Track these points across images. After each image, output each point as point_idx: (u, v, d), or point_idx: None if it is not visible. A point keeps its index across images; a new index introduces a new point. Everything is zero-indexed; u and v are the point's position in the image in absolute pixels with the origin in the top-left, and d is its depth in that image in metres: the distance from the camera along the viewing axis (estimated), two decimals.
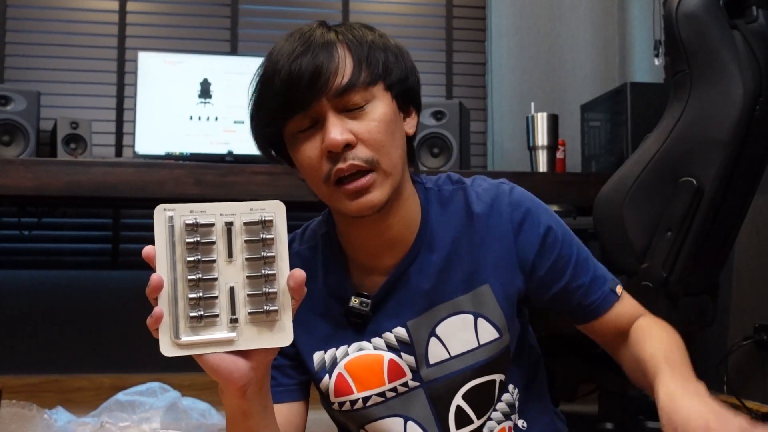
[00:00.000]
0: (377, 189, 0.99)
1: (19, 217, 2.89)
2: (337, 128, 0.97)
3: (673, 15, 1.63)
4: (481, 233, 1.10)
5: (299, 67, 0.97)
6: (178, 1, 3.15)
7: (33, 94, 2.56)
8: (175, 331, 0.81)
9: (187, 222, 0.81)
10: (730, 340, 2.36)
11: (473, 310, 1.09)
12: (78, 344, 2.91)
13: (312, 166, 1.01)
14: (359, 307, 1.09)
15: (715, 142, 1.58)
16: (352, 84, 0.98)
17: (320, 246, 1.14)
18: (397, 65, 1.03)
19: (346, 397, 1.11)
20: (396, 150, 1.02)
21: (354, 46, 1.00)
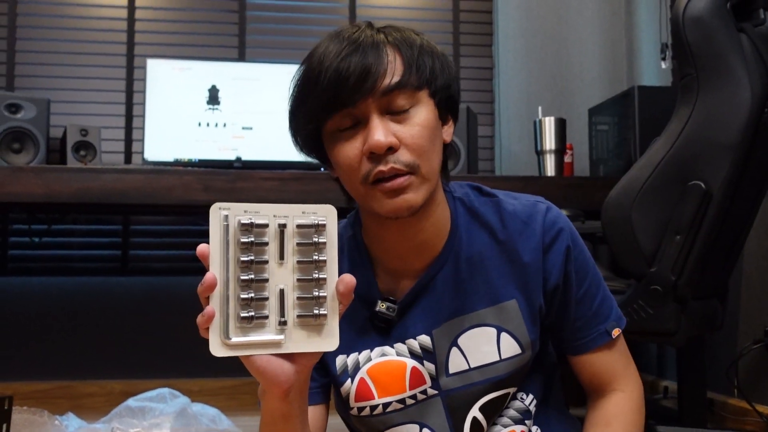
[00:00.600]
0: (414, 191, 0.99)
1: (30, 224, 2.91)
2: (381, 130, 0.97)
3: (680, 18, 1.63)
4: (513, 249, 1.09)
5: (348, 66, 0.96)
6: (187, 8, 3.16)
7: (43, 101, 2.58)
8: (225, 331, 0.80)
9: (242, 222, 0.80)
10: (739, 344, 2.35)
11: (497, 323, 1.09)
12: (88, 350, 2.92)
13: (351, 166, 1.00)
14: (386, 311, 1.09)
15: (723, 145, 1.58)
16: (400, 85, 0.97)
17: (346, 249, 1.14)
18: (442, 72, 1.03)
19: (366, 403, 1.11)
20: (435, 156, 1.02)
21: (404, 49, 1.00)
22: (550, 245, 1.09)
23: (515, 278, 1.09)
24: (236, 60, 3.13)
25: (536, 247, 1.09)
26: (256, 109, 2.80)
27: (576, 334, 1.13)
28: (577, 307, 1.12)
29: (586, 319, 1.12)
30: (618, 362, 1.15)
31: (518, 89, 3.17)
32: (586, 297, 1.12)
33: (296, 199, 2.31)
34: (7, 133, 2.49)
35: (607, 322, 1.13)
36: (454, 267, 1.10)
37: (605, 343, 1.13)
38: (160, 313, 2.97)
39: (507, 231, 1.10)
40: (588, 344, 1.13)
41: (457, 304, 1.09)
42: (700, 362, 2.09)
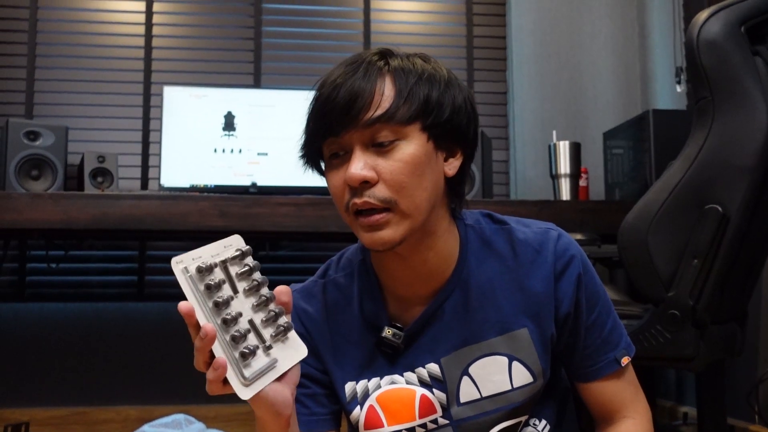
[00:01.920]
0: (391, 228, 0.97)
1: (47, 250, 2.93)
2: (359, 163, 0.96)
3: (695, 42, 1.63)
4: (524, 278, 1.08)
5: (337, 94, 0.96)
6: (203, 36, 3.20)
7: (61, 129, 2.61)
8: (240, 373, 0.82)
9: (199, 266, 0.82)
10: (760, 369, 2.32)
11: (508, 352, 1.08)
12: (105, 376, 2.92)
13: (336, 194, 1.01)
14: (392, 338, 1.08)
15: (739, 168, 1.57)
16: (385, 118, 0.95)
17: (356, 273, 1.13)
18: (441, 104, 0.99)
19: (375, 431, 1.10)
20: (421, 192, 0.98)
21: (399, 79, 0.98)
22: (561, 273, 1.08)
23: (526, 307, 1.08)
24: (252, 87, 3.16)
25: (548, 276, 1.07)
26: (271, 135, 2.82)
27: (585, 362, 1.12)
28: (586, 334, 1.11)
29: (596, 346, 1.11)
30: (627, 390, 1.14)
31: (533, 113, 3.18)
32: (596, 324, 1.11)
33: (312, 224, 2.32)
34: (26, 161, 2.52)
35: (616, 350, 1.12)
36: (463, 295, 1.08)
37: (614, 371, 1.12)
38: (176, 339, 2.97)
39: (518, 259, 1.09)
40: (597, 372, 1.12)
41: (466, 332, 1.08)
42: (720, 388, 2.06)
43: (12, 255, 2.94)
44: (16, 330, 2.90)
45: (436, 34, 3.35)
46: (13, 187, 2.47)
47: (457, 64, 3.32)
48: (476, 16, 3.36)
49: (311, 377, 1.12)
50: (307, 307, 1.13)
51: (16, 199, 2.21)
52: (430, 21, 3.35)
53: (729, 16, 1.63)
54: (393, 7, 3.33)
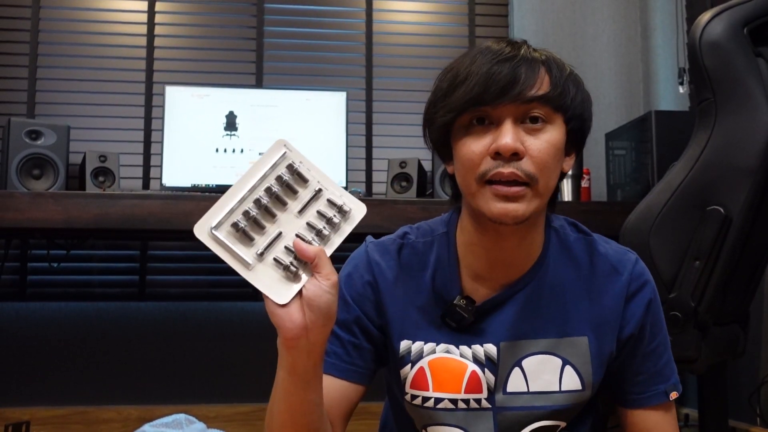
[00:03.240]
0: (525, 203, 1.00)
1: (49, 250, 2.93)
2: (512, 135, 0.99)
3: (697, 43, 1.63)
4: (597, 289, 1.11)
5: (501, 69, 1.00)
6: (205, 36, 3.20)
7: (63, 128, 2.61)
8: (217, 223, 0.88)
9: (292, 164, 0.90)
10: (762, 371, 2.31)
11: (564, 356, 1.10)
12: (106, 376, 2.92)
13: (472, 160, 1.01)
14: (463, 306, 1.09)
15: (742, 169, 1.57)
16: (543, 99, 1.00)
17: (435, 243, 1.15)
18: (581, 105, 1.06)
19: (420, 392, 1.12)
20: (554, 177, 1.04)
21: (554, 70, 1.03)
22: (633, 294, 1.11)
23: (592, 317, 1.11)
24: (254, 87, 3.16)
25: (620, 293, 1.11)
26: (273, 135, 2.82)
27: (636, 388, 1.14)
28: (643, 360, 1.13)
29: (650, 374, 1.14)
30: (669, 426, 1.16)
31: None
32: (654, 353, 1.14)
33: None
34: (28, 160, 2.52)
35: (667, 384, 1.14)
36: (536, 290, 1.11)
37: (662, 404, 1.14)
38: (177, 339, 2.97)
39: (594, 271, 1.12)
40: (646, 400, 1.14)
41: (529, 326, 1.10)
42: (722, 389, 2.05)
43: (13, 254, 2.93)
44: (18, 329, 2.90)
45: (439, 34, 3.34)
46: (14, 187, 2.47)
47: None
48: (478, 17, 3.36)
49: (365, 330, 1.13)
50: (380, 260, 1.15)
51: (18, 198, 2.20)
52: (432, 21, 3.35)
53: (732, 18, 1.63)
54: (395, 7, 3.33)
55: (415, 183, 2.80)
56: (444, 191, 2.71)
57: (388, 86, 3.25)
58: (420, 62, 3.28)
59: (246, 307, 3.02)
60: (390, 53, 3.29)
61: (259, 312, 3.01)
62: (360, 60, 3.25)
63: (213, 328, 3.00)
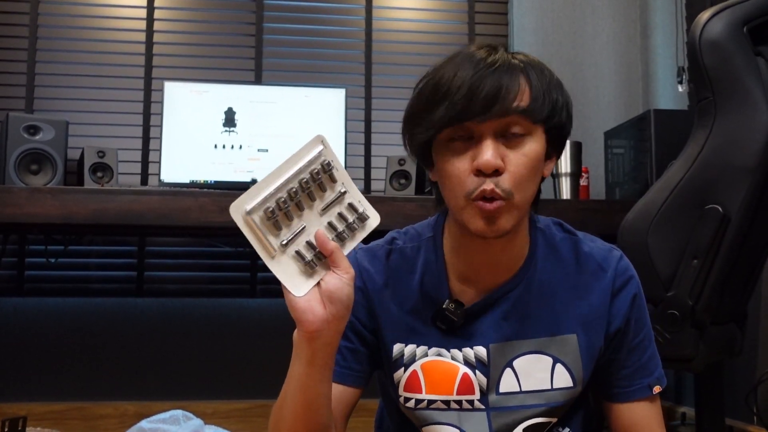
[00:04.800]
0: (504, 217, 1.02)
1: (46, 245, 2.92)
2: (493, 151, 1.00)
3: (697, 42, 1.63)
4: (584, 287, 1.14)
5: (482, 84, 1.00)
6: (204, 32, 3.19)
7: (61, 123, 2.60)
8: (252, 207, 0.91)
9: (328, 162, 0.93)
10: (759, 370, 2.31)
11: (554, 354, 1.12)
12: (103, 371, 2.92)
13: (459, 178, 1.03)
14: (452, 310, 1.11)
15: (740, 168, 1.57)
16: (523, 113, 1.01)
17: (423, 248, 1.17)
18: (561, 111, 1.06)
19: (413, 395, 1.14)
20: (532, 187, 1.05)
21: (534, 80, 1.03)
22: (619, 290, 1.14)
23: (580, 315, 1.13)
24: (253, 83, 3.15)
25: (606, 290, 1.13)
26: (272, 132, 2.82)
27: (621, 382, 1.16)
28: (628, 355, 1.15)
29: (634, 369, 1.15)
30: (654, 420, 1.17)
31: None
32: (639, 348, 1.15)
33: None
34: (26, 155, 2.51)
35: (651, 378, 1.16)
36: (525, 292, 1.13)
37: (646, 397, 1.15)
38: (174, 335, 2.97)
39: (581, 269, 1.14)
40: (630, 394, 1.15)
41: (518, 327, 1.12)
42: (719, 388, 2.06)
43: (11, 249, 2.93)
44: (15, 324, 2.89)
45: (438, 32, 3.34)
46: (12, 182, 2.47)
47: None
48: (478, 15, 3.36)
49: (359, 334, 1.15)
50: (369, 267, 1.17)
51: (16, 193, 2.20)
52: (432, 19, 3.34)
53: (731, 17, 1.63)
54: (395, 4, 3.32)
55: (414, 180, 2.80)
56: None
57: (387, 83, 3.25)
58: (419, 60, 3.27)
59: (244, 304, 3.02)
60: (389, 50, 3.28)
61: (257, 308, 3.01)
62: (359, 57, 3.25)
63: (211, 325, 3.00)
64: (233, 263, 3.08)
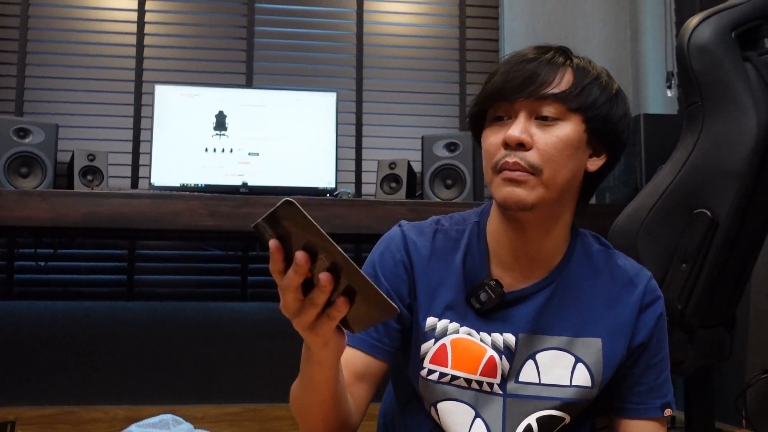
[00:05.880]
0: (527, 189, 1.07)
1: (36, 248, 2.91)
2: (520, 127, 1.07)
3: (685, 47, 1.63)
4: (614, 296, 1.18)
5: (521, 69, 1.09)
6: (195, 35, 3.19)
7: (51, 126, 2.60)
8: None
9: None
10: (748, 374, 2.33)
11: (577, 354, 1.15)
12: (93, 375, 2.91)
13: (489, 151, 1.11)
14: (492, 287, 1.15)
15: (729, 173, 1.58)
16: (557, 97, 1.07)
17: (467, 232, 1.21)
18: (605, 107, 1.11)
19: (438, 368, 1.16)
20: (564, 171, 1.09)
21: (578, 74, 1.10)
22: (647, 306, 1.18)
23: (607, 322, 1.16)
24: (244, 86, 3.15)
25: (635, 303, 1.17)
26: (262, 135, 2.82)
27: (634, 398, 1.18)
28: (645, 372, 1.18)
29: (649, 387, 1.18)
30: None
31: None
32: (656, 368, 1.18)
33: None
34: (16, 158, 2.50)
35: (664, 399, 1.19)
36: (558, 289, 1.17)
37: (657, 418, 1.18)
38: (165, 339, 2.96)
39: (613, 280, 1.19)
40: (642, 412, 1.18)
41: (547, 323, 1.16)
42: (708, 392, 2.06)
43: (0, 253, 2.92)
44: (4, 328, 2.88)
45: (429, 36, 3.35)
46: (2, 185, 2.45)
47: (449, 66, 3.32)
48: (469, 19, 3.37)
49: None
50: (416, 239, 1.20)
51: (5, 196, 2.19)
52: (423, 23, 3.35)
53: (720, 22, 1.63)
54: (386, 8, 3.33)
55: (405, 184, 2.80)
56: (433, 192, 2.71)
57: (378, 87, 3.25)
58: (410, 63, 3.28)
59: (234, 308, 3.01)
60: (380, 54, 3.29)
61: (248, 312, 3.00)
62: (350, 61, 3.25)
63: (201, 328, 2.99)
64: (224, 267, 3.07)
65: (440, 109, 3.28)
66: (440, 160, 2.71)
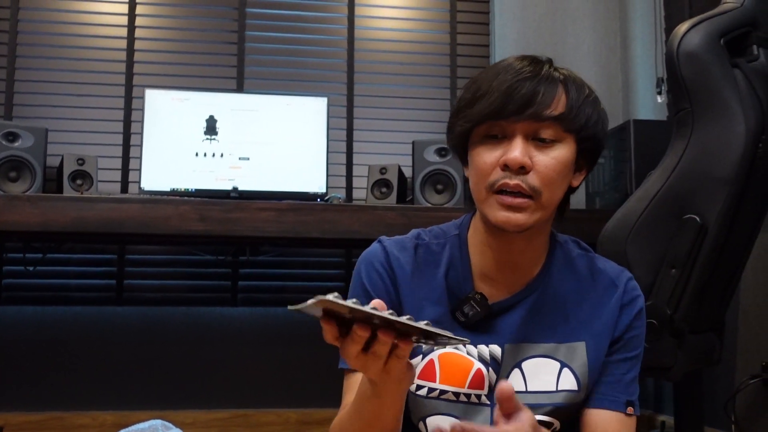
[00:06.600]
0: (527, 214, 1.07)
1: (25, 253, 2.90)
2: (521, 149, 1.06)
3: (675, 54, 1.64)
4: (595, 299, 1.19)
5: (521, 87, 1.07)
6: (186, 39, 3.18)
7: (40, 130, 2.58)
8: None
9: None
10: (737, 379, 2.33)
11: (562, 359, 1.16)
12: (81, 381, 2.89)
13: (484, 170, 1.09)
14: (477, 300, 1.15)
15: (718, 179, 1.58)
16: (555, 120, 1.07)
17: (448, 245, 1.21)
18: (595, 125, 1.12)
19: (426, 383, 1.16)
20: (558, 191, 1.10)
21: (572, 92, 1.10)
22: (627, 304, 1.19)
23: (591, 325, 1.17)
24: (234, 91, 3.15)
25: (616, 303, 1.18)
26: (253, 140, 2.81)
27: (600, 387, 1.18)
28: (617, 365, 1.18)
29: (616, 380, 1.18)
30: None
31: None
32: (627, 363, 1.19)
33: (292, 230, 2.31)
34: (4, 162, 2.49)
35: (629, 397, 1.18)
36: (540, 298, 1.17)
37: (620, 412, 1.17)
38: (154, 344, 2.95)
39: (594, 284, 1.20)
40: (606, 402, 1.17)
41: (532, 331, 1.16)
42: (698, 397, 2.07)
43: None
44: None
45: (420, 41, 3.35)
46: None
47: (440, 71, 3.33)
48: (460, 24, 3.37)
49: None
50: (399, 255, 1.20)
51: None
52: (414, 28, 3.36)
53: (709, 29, 1.64)
54: (377, 14, 3.33)
55: (395, 189, 2.80)
56: (424, 198, 2.71)
57: (369, 92, 3.25)
58: (401, 69, 3.29)
59: (224, 312, 3.00)
60: (371, 59, 3.29)
61: (238, 317, 3.00)
62: (341, 66, 3.26)
63: (191, 334, 2.98)
64: (214, 272, 3.06)
65: (431, 114, 3.28)
66: (431, 165, 2.71)
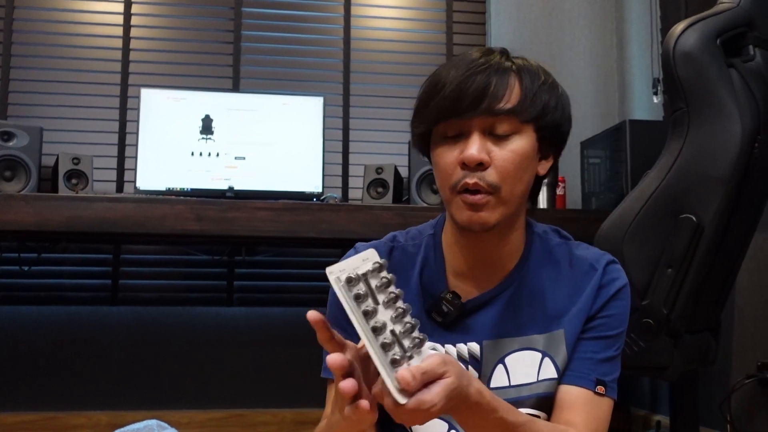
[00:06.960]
0: (489, 210, 1.06)
1: (20, 253, 2.89)
2: (477, 146, 1.05)
3: (671, 54, 1.64)
4: (573, 286, 1.17)
5: (471, 83, 1.05)
6: (182, 38, 3.18)
7: (36, 130, 2.58)
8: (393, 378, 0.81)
9: (348, 276, 0.83)
10: (732, 379, 2.34)
11: (543, 349, 1.14)
12: (76, 381, 2.89)
13: (445, 170, 1.08)
14: (449, 300, 1.14)
15: (714, 179, 1.58)
16: (509, 113, 1.05)
17: (423, 245, 1.21)
18: (555, 112, 1.10)
19: None
20: (520, 184, 1.09)
21: (526, 80, 1.08)
22: (604, 285, 1.16)
23: (570, 311, 1.15)
24: (230, 90, 3.14)
25: (594, 286, 1.16)
26: (249, 140, 2.81)
27: (570, 364, 1.14)
28: (588, 342, 1.15)
29: (587, 357, 1.14)
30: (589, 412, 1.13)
31: None
32: (599, 342, 1.15)
33: (289, 230, 2.30)
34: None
35: (600, 376, 1.14)
36: (518, 291, 1.16)
37: (587, 389, 1.13)
38: (149, 344, 2.95)
39: (574, 271, 1.17)
40: (574, 378, 1.13)
41: (510, 325, 1.15)
42: (693, 397, 2.07)
43: None
44: None
45: (416, 41, 3.35)
46: None
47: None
48: (456, 24, 3.37)
49: None
50: None
51: None
52: (410, 28, 3.35)
53: (705, 29, 1.65)
54: (373, 13, 3.33)
55: (392, 189, 2.80)
56: (420, 197, 2.71)
57: (365, 92, 3.25)
58: (398, 68, 3.28)
59: (219, 312, 3.00)
60: (368, 59, 3.29)
61: (233, 317, 2.99)
62: (337, 65, 3.25)
63: (186, 334, 2.97)
64: (209, 272, 3.06)
65: None
66: (427, 165, 2.71)
